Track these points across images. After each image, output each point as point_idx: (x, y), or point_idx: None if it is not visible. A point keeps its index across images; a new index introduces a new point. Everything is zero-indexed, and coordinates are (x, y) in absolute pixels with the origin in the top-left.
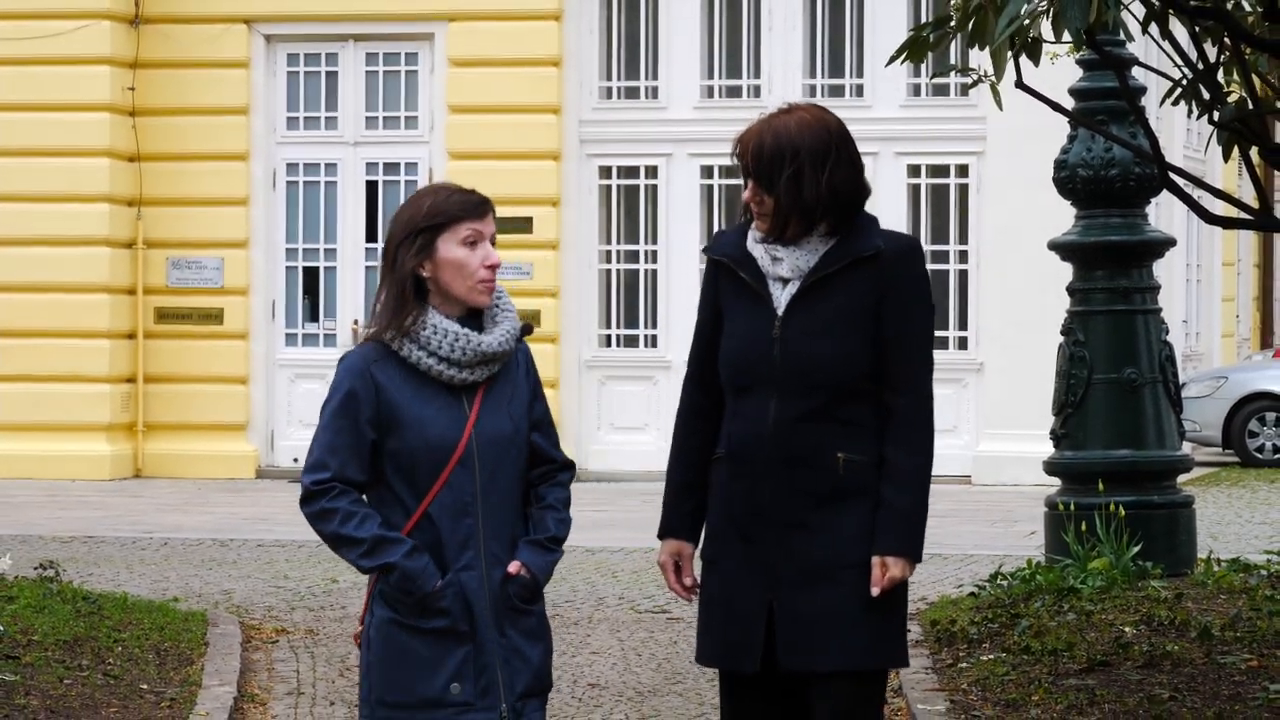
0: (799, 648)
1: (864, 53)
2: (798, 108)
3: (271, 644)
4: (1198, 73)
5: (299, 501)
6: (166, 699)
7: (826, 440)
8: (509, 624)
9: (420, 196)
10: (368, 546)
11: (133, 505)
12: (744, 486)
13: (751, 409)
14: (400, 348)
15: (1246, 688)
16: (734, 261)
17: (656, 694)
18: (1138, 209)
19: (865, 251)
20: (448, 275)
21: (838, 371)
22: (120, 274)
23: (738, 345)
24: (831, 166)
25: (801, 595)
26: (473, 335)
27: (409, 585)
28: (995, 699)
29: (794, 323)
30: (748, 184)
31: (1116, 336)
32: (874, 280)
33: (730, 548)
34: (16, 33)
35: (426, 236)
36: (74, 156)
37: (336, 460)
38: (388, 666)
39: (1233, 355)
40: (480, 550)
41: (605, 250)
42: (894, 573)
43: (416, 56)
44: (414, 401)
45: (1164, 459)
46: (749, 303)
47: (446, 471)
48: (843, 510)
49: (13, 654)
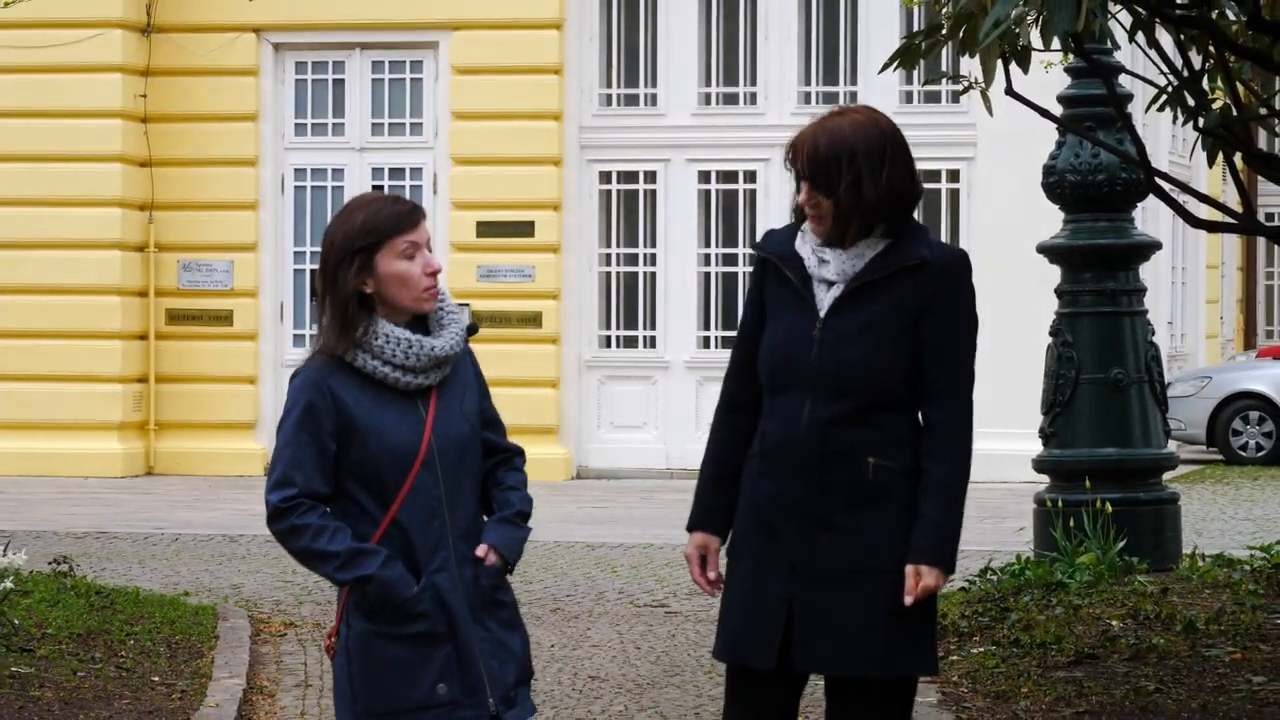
0: (816, 649)
1: (858, 60)
2: (850, 110)
3: (279, 637)
4: (1183, 80)
5: (266, 520)
6: (177, 691)
7: (858, 444)
8: (489, 617)
9: (351, 212)
10: (342, 560)
11: (144, 502)
12: (773, 484)
13: (787, 408)
14: (354, 359)
15: (1230, 680)
16: (780, 260)
17: (655, 686)
18: (1124, 213)
19: (911, 260)
20: (392, 289)
21: (870, 377)
22: (132, 276)
23: (778, 344)
24: (889, 167)
25: (822, 596)
26: (424, 340)
27: (387, 594)
28: (985, 691)
29: (834, 325)
30: (800, 187)
31: (1103, 337)
32: (917, 290)
33: (755, 544)
34: (32, 41)
35: (364, 255)
36: (87, 162)
37: (301, 475)
38: (372, 677)
39: (1217, 356)
40: (451, 550)
41: (605, 253)
42: (927, 582)
43: (421, 64)
44: (372, 410)
45: (1150, 457)
46: (792, 303)
47: (411, 476)
48: (870, 514)
49: (28, 647)
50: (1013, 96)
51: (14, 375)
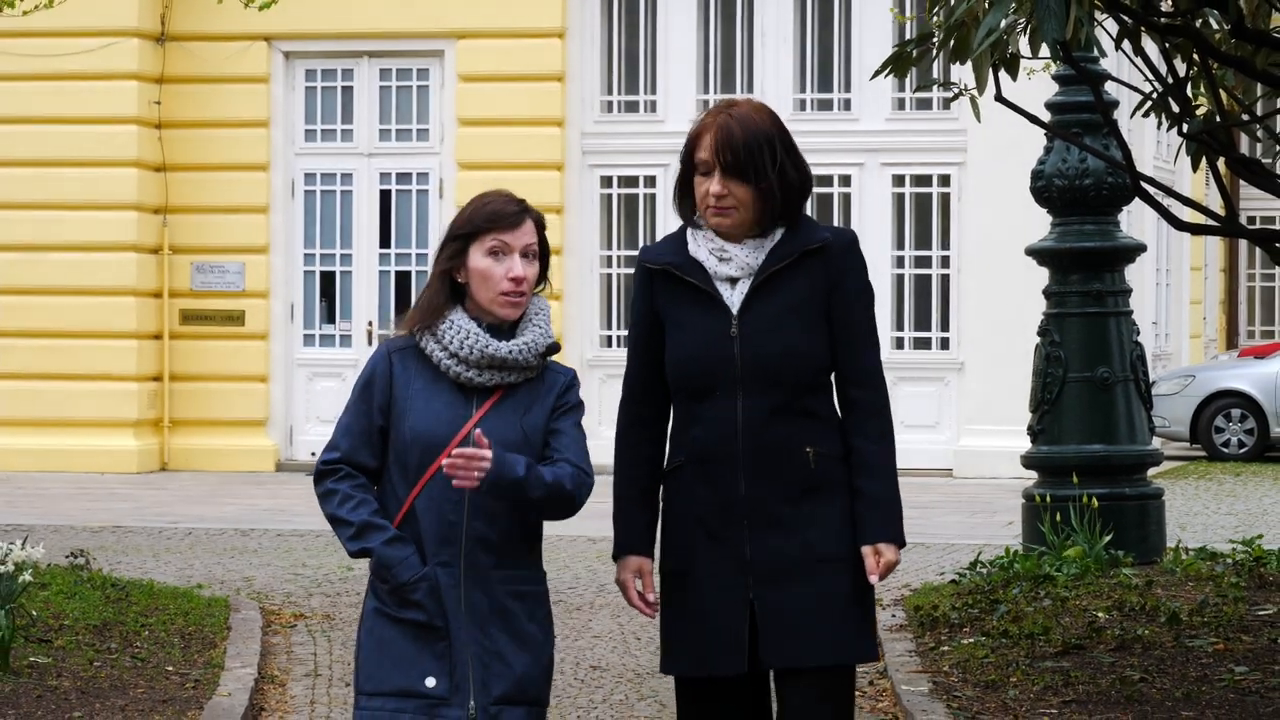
0: (784, 644)
1: (851, 68)
2: (739, 101)
3: (290, 628)
4: (1168, 87)
5: (312, 479)
6: (191, 680)
7: (795, 435)
8: (496, 626)
9: (470, 203)
10: (355, 530)
11: (159, 497)
12: (713, 489)
13: (716, 411)
14: (423, 342)
15: (1213, 670)
16: (677, 268)
17: (654, 675)
18: (1110, 216)
19: (812, 244)
20: (475, 283)
21: (798, 365)
22: (147, 278)
23: (693, 350)
24: (795, 152)
25: (780, 592)
26: (484, 337)
27: (384, 573)
28: (975, 680)
29: (750, 320)
30: (713, 178)
31: (1090, 337)
32: (822, 273)
33: (701, 554)
34: (50, 50)
35: (460, 243)
36: (103, 167)
37: (348, 443)
38: (371, 654)
39: (1200, 355)
40: (461, 548)
41: (606, 255)
42: (888, 558)
43: (427, 72)
44: (421, 394)
45: (1135, 453)
46: (700, 306)
47: (434, 466)
48: (816, 505)
49: (45, 638)
50: (1002, 103)
51: (33, 374)
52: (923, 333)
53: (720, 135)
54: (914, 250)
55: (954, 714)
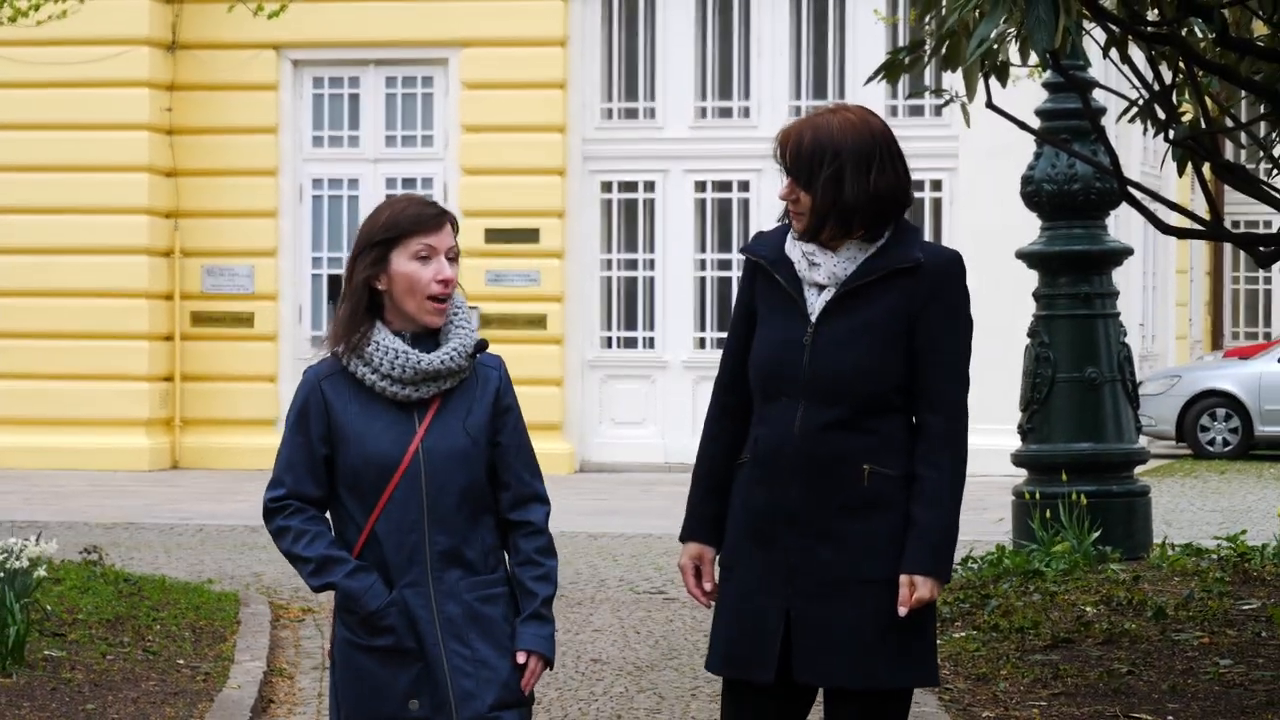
0: (816, 661)
1: (845, 75)
2: (843, 108)
3: (298, 622)
4: (1154, 94)
5: (262, 517)
6: (201, 673)
7: (854, 451)
8: (475, 634)
9: (380, 209)
10: (314, 565)
11: (170, 494)
12: (767, 492)
13: (779, 415)
14: (348, 363)
15: (1198, 663)
16: (770, 264)
17: (654, 668)
18: (1098, 221)
19: (904, 263)
20: (399, 291)
21: (864, 382)
22: (159, 281)
23: (769, 350)
24: (875, 170)
25: (819, 607)
26: (413, 354)
27: (352, 605)
28: (967, 673)
29: (826, 330)
30: (786, 179)
31: (1078, 338)
32: (911, 293)
33: (749, 554)
34: (64, 59)
35: (380, 250)
36: (116, 172)
37: (291, 476)
38: (349, 687)
39: (1186, 356)
40: (427, 567)
41: (606, 259)
42: (922, 593)
43: (432, 80)
44: (360, 417)
45: (1122, 451)
46: (783, 307)
47: (390, 488)
48: (867, 523)
49: (59, 631)
50: (993, 110)
51: (48, 374)
52: None
53: (793, 139)
54: None
55: (946, 706)
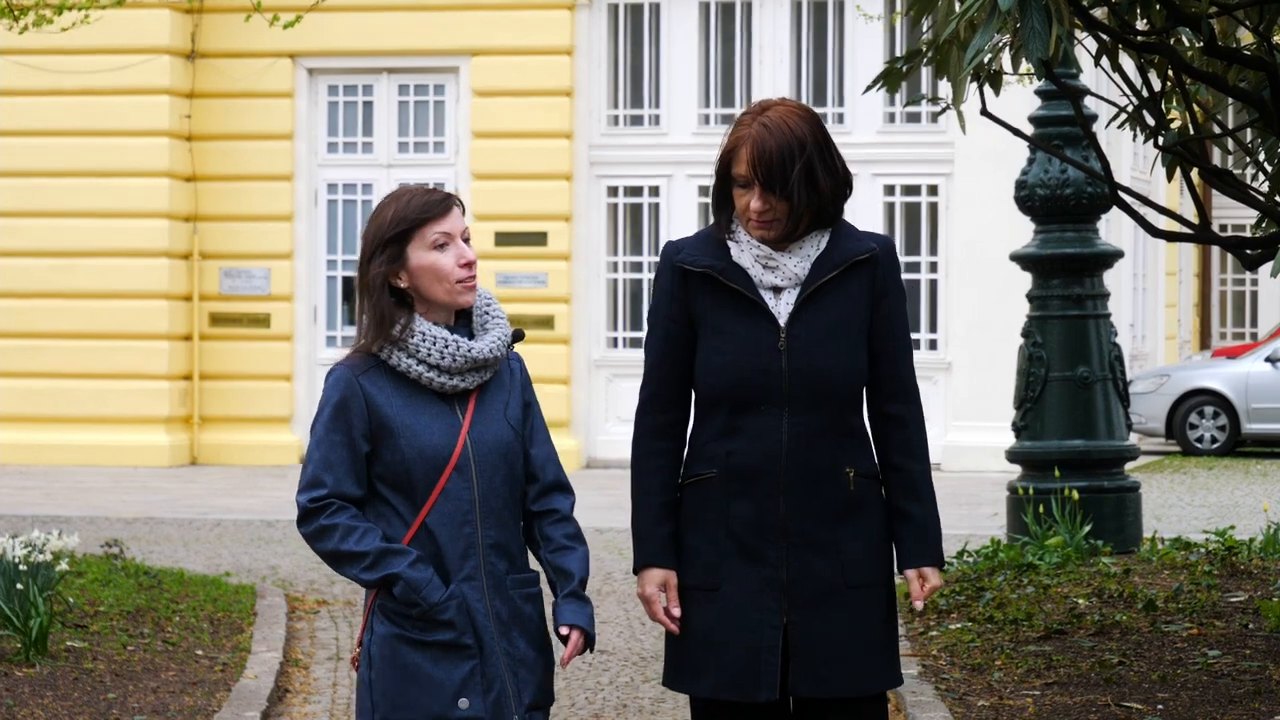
0: (817, 672)
1: (844, 83)
2: (770, 104)
3: (313, 614)
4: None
5: (297, 522)
6: (219, 663)
7: (839, 455)
8: (518, 633)
9: (384, 207)
10: (371, 560)
11: (189, 490)
12: (753, 507)
13: (758, 425)
14: (389, 357)
15: (1187, 654)
16: (719, 272)
17: (658, 659)
18: (1090, 224)
19: (861, 254)
20: (425, 282)
21: (847, 380)
22: (178, 283)
23: (736, 359)
24: (832, 151)
25: (815, 617)
26: (463, 341)
27: (414, 596)
28: (962, 664)
29: (799, 333)
30: (754, 193)
31: (1071, 338)
32: (869, 283)
33: (738, 572)
34: (86, 67)
35: (395, 247)
36: (137, 177)
37: (332, 476)
38: (391, 683)
39: (1175, 355)
40: (481, 560)
41: (612, 261)
42: (933, 582)
43: (444, 88)
44: (405, 410)
45: (1113, 448)
46: (743, 315)
47: (443, 480)
48: (852, 528)
49: (81, 623)
50: (987, 117)
51: (70, 373)
52: (912, 334)
53: (756, 150)
54: (904, 257)
55: (942, 695)
